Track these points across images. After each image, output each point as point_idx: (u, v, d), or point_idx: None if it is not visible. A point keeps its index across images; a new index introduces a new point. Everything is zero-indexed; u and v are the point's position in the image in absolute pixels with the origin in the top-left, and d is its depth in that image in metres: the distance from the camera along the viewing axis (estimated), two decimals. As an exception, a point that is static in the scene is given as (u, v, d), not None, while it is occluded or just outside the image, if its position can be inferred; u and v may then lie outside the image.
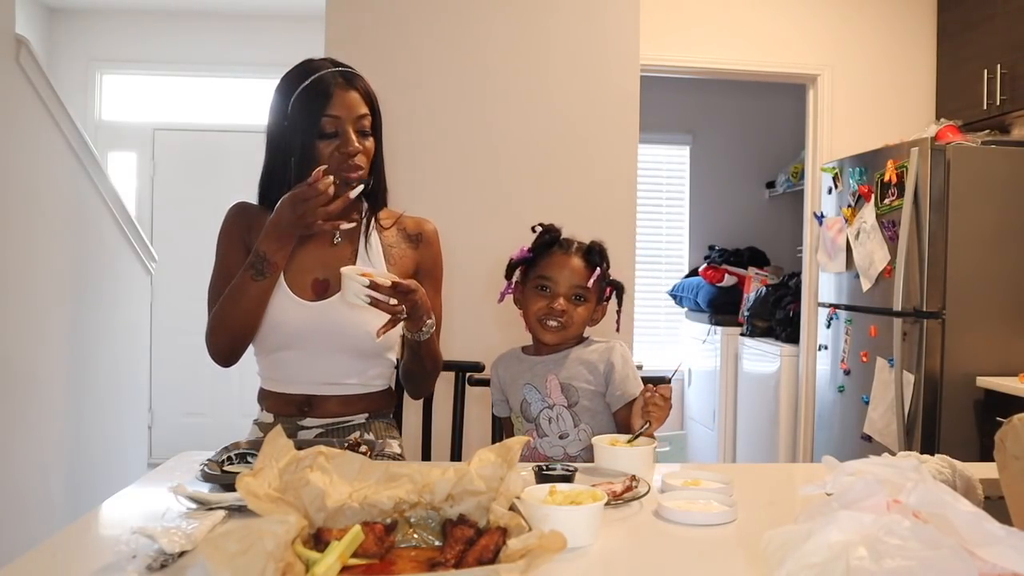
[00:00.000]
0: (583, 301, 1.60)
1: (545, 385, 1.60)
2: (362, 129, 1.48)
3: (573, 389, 1.58)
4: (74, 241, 3.15)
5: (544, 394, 1.60)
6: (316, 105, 1.44)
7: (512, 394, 1.66)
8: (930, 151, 2.91)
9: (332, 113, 1.44)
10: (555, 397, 1.59)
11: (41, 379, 2.87)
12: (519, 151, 2.73)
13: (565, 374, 1.59)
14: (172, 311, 4.72)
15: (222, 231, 1.58)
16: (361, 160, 1.48)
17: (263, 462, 0.89)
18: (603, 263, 1.62)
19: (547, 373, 1.60)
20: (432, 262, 1.63)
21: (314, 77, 1.46)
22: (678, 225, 5.25)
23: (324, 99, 1.44)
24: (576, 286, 1.59)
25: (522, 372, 1.64)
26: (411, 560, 0.89)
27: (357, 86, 1.48)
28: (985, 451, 2.60)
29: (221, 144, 4.85)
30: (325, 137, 1.45)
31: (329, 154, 1.45)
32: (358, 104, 1.47)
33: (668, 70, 3.75)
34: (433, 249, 1.64)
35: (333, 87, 1.45)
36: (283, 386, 1.55)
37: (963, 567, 0.65)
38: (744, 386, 4.42)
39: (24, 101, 2.71)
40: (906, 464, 0.82)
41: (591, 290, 1.59)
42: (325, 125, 1.44)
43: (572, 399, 1.58)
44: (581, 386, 1.58)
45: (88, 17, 4.87)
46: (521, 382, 1.63)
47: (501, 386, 1.70)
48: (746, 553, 0.97)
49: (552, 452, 1.58)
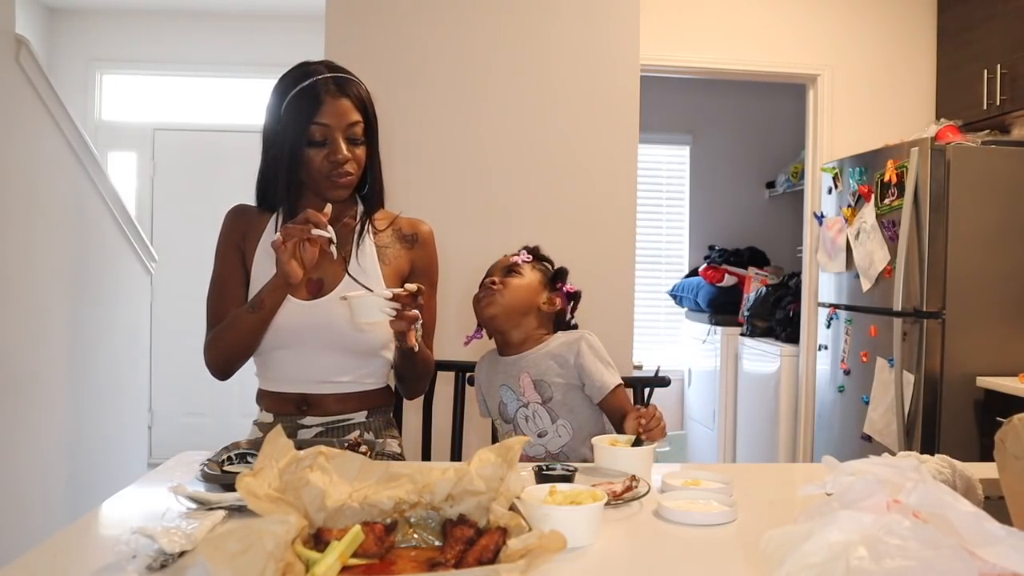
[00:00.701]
0: (516, 276, 1.63)
1: (519, 384, 1.61)
2: (352, 137, 1.47)
3: (545, 384, 1.59)
4: (74, 241, 3.15)
5: (518, 393, 1.61)
6: (306, 112, 1.44)
7: (490, 396, 1.67)
8: (930, 151, 2.91)
9: (321, 121, 1.44)
10: (529, 395, 1.60)
11: (41, 379, 2.87)
12: (519, 151, 2.73)
13: (536, 370, 1.60)
14: (172, 311, 4.72)
15: (219, 236, 1.60)
16: (351, 167, 1.47)
17: (263, 462, 0.89)
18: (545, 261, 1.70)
19: (519, 372, 1.61)
20: (427, 263, 1.63)
21: (305, 84, 1.45)
22: (678, 225, 5.25)
23: (314, 106, 1.44)
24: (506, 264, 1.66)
25: (497, 373, 1.66)
26: (411, 560, 0.89)
27: (349, 92, 1.47)
28: (985, 451, 2.60)
29: (221, 144, 4.85)
30: (315, 144, 1.45)
31: (319, 161, 1.45)
32: (349, 112, 1.46)
33: (668, 70, 3.75)
34: (428, 250, 1.63)
35: (324, 94, 1.44)
36: (280, 385, 1.56)
37: (963, 567, 0.65)
38: (744, 386, 4.42)
39: (24, 101, 2.71)
40: (906, 464, 0.82)
41: (521, 268, 1.64)
42: (314, 133, 1.44)
43: (545, 395, 1.59)
44: (553, 380, 1.59)
45: (88, 17, 4.87)
46: (497, 383, 1.65)
47: (481, 389, 1.72)
48: (746, 553, 0.97)
49: (533, 452, 1.59)
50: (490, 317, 1.62)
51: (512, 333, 1.63)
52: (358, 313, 1.35)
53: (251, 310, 1.45)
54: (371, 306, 1.34)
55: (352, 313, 1.36)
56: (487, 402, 1.69)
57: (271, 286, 1.42)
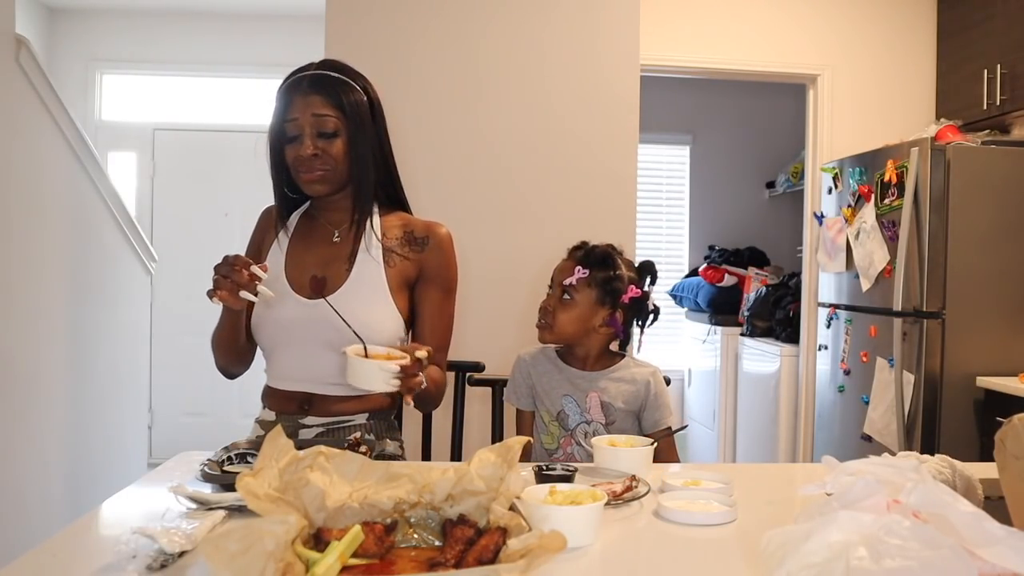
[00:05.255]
0: (569, 302, 1.60)
1: (586, 401, 1.62)
2: (322, 130, 1.46)
3: (612, 409, 1.61)
4: (74, 241, 3.15)
5: (583, 409, 1.62)
6: (280, 109, 1.48)
7: (548, 400, 1.66)
8: (930, 151, 2.91)
9: (291, 117, 1.46)
10: (594, 414, 1.61)
11: (41, 379, 2.87)
12: (519, 151, 2.73)
13: (606, 394, 1.61)
14: (172, 311, 4.71)
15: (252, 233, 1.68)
16: (324, 163, 1.47)
17: (263, 462, 0.89)
18: (608, 270, 1.61)
19: (589, 389, 1.62)
20: (439, 265, 1.59)
21: (285, 82, 1.50)
22: (678, 225, 5.25)
23: (286, 103, 1.47)
24: (561, 284, 1.61)
25: (561, 382, 1.65)
26: (411, 560, 0.89)
27: (323, 88, 1.47)
28: (985, 451, 2.60)
29: (221, 144, 4.85)
30: (290, 141, 1.47)
31: (291, 158, 1.48)
32: (318, 105, 1.46)
33: (668, 70, 3.75)
34: (443, 253, 1.59)
35: (295, 93, 1.47)
36: (283, 383, 1.57)
37: (963, 567, 0.65)
38: (744, 386, 4.42)
39: (24, 101, 2.71)
40: (906, 464, 0.82)
41: (576, 289, 1.60)
42: (288, 129, 1.47)
43: (610, 418, 1.60)
44: (619, 406, 1.61)
45: (88, 17, 4.87)
46: (560, 392, 1.64)
47: (532, 384, 1.69)
48: (746, 553, 0.97)
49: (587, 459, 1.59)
50: (548, 343, 1.65)
51: (575, 349, 1.65)
52: (356, 378, 1.22)
53: (220, 327, 1.52)
54: (371, 374, 1.21)
55: (348, 375, 1.24)
56: (544, 403, 1.66)
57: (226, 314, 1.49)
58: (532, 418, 1.70)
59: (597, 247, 1.65)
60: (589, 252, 1.63)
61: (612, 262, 1.63)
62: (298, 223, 1.62)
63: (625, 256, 1.68)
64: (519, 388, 1.70)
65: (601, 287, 1.61)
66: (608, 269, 1.62)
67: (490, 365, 1.89)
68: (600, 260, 1.62)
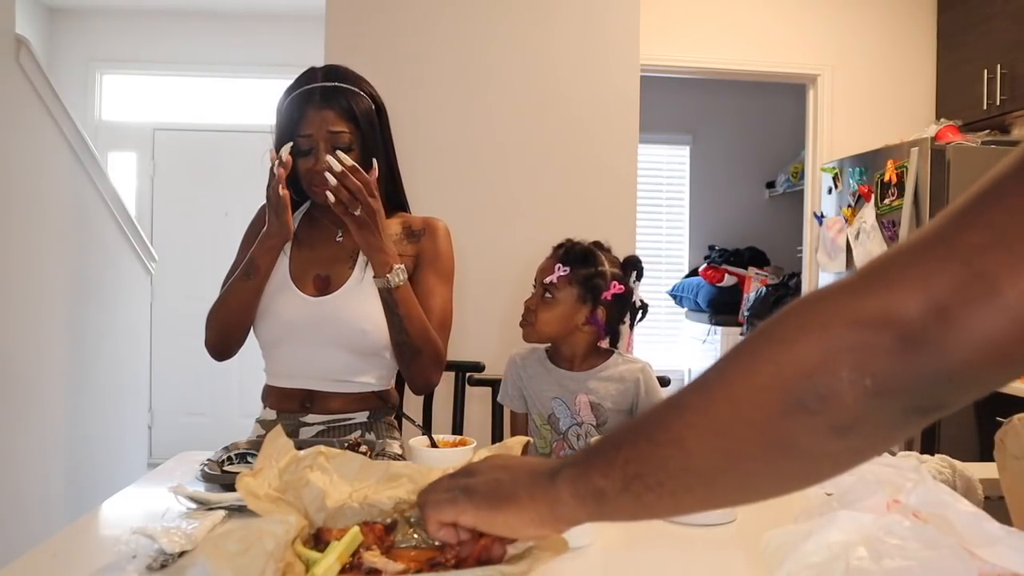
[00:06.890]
0: (551, 300, 1.57)
1: (575, 403, 1.59)
2: (337, 145, 1.48)
3: (602, 409, 1.58)
4: (74, 241, 3.15)
5: (573, 411, 1.59)
6: (291, 123, 1.49)
7: (539, 402, 1.64)
8: (930, 151, 2.91)
9: (304, 132, 1.47)
10: (584, 415, 1.59)
11: (41, 379, 2.87)
12: (519, 151, 2.73)
13: (595, 395, 1.59)
14: (172, 311, 4.71)
15: (247, 229, 1.66)
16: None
17: (263, 462, 0.89)
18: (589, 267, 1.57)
19: (577, 391, 1.59)
20: (435, 251, 1.60)
21: (294, 93, 1.50)
22: (678, 225, 5.25)
23: (298, 117, 1.48)
24: (543, 283, 1.58)
25: (551, 384, 1.62)
26: (411, 560, 0.89)
27: (335, 103, 1.48)
28: (985, 451, 2.59)
29: (221, 144, 4.85)
30: (301, 154, 1.48)
31: (303, 171, 1.49)
32: (333, 121, 1.47)
33: (668, 70, 3.76)
34: (438, 240, 1.61)
35: (307, 106, 1.47)
36: (284, 380, 1.57)
37: (963, 567, 0.65)
38: (744, 386, 4.41)
39: (24, 101, 2.71)
40: (906, 464, 0.82)
41: (557, 287, 1.56)
42: (300, 143, 1.48)
43: (601, 419, 1.58)
44: (609, 406, 1.58)
45: (88, 17, 4.87)
46: (550, 394, 1.62)
47: (522, 387, 1.66)
48: (746, 553, 0.97)
49: None
50: (532, 343, 1.62)
51: (561, 348, 1.62)
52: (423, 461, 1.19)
53: (246, 276, 1.50)
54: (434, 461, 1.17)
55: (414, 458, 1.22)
56: (530, 402, 1.65)
57: (264, 248, 1.48)
58: (526, 420, 1.68)
59: (578, 244, 1.61)
60: (570, 250, 1.60)
61: (593, 259, 1.59)
62: (301, 222, 1.62)
63: (611, 253, 1.64)
64: (511, 390, 1.68)
65: (582, 284, 1.57)
66: (589, 266, 1.58)
67: (490, 365, 1.88)
68: (581, 257, 1.58)
